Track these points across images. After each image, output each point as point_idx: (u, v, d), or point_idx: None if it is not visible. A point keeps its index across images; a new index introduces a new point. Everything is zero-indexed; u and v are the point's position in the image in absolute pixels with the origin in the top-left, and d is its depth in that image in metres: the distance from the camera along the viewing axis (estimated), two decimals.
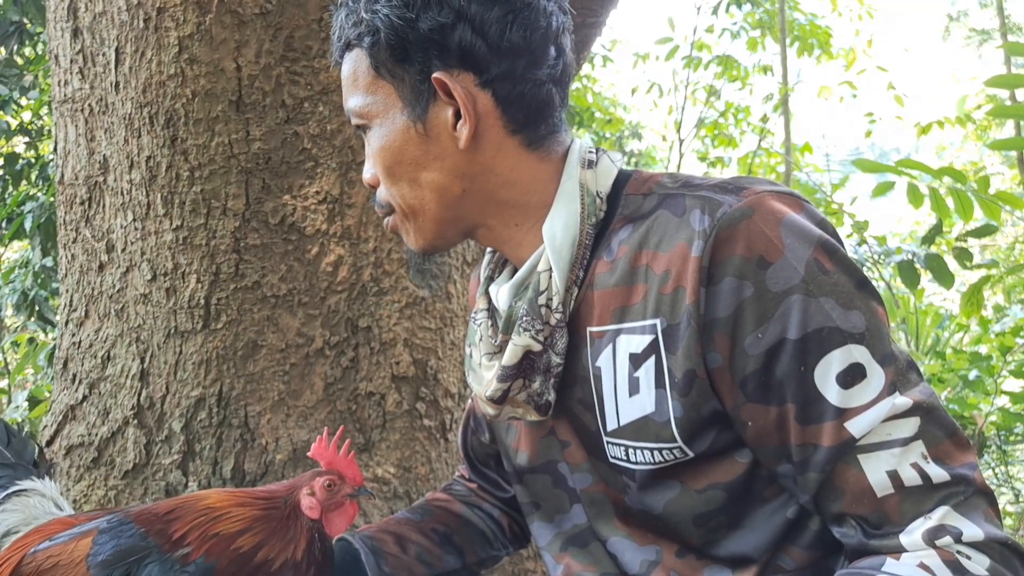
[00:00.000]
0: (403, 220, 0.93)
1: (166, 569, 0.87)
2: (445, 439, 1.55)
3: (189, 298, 1.47)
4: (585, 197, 0.90)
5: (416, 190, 0.90)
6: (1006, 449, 3.42)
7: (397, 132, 0.89)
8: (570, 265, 0.88)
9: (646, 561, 0.91)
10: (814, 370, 0.76)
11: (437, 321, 1.56)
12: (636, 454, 0.86)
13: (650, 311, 0.83)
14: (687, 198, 0.84)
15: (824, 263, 0.78)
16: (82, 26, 1.54)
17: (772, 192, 0.82)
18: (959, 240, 2.76)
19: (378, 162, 0.91)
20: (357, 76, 0.90)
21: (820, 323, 0.76)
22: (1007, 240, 8.81)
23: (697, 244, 0.79)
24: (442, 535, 1.11)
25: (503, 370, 0.90)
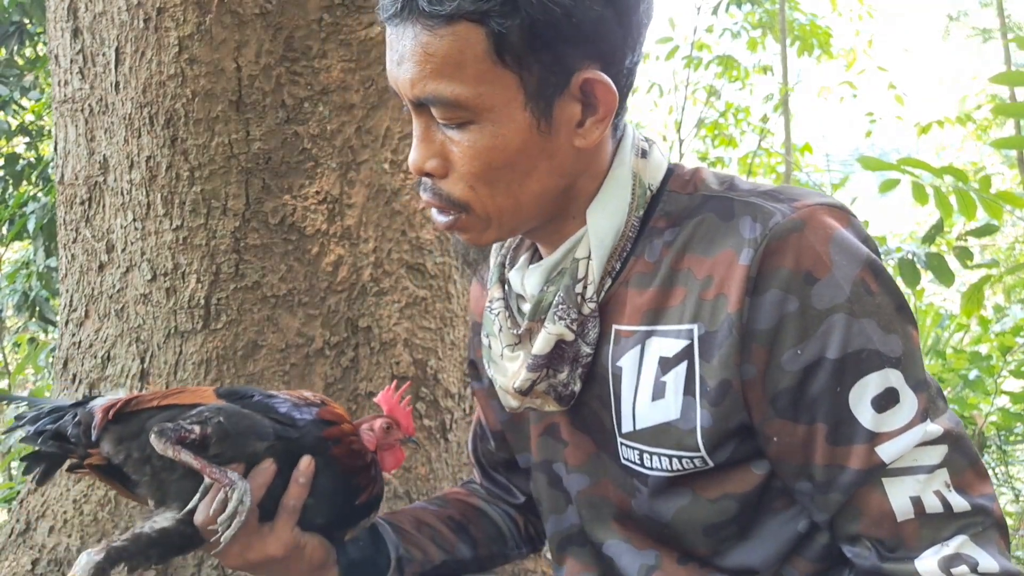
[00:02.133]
0: (480, 220, 0.83)
1: (292, 404, 0.97)
2: (445, 439, 1.55)
3: (189, 298, 1.47)
4: (636, 188, 0.86)
5: (516, 191, 0.82)
6: (1006, 449, 3.42)
7: (515, 130, 0.78)
8: (609, 255, 0.85)
9: (645, 566, 0.90)
10: (849, 391, 0.75)
11: (437, 321, 1.56)
12: (652, 460, 0.84)
13: (688, 316, 0.80)
14: (735, 203, 0.81)
15: (870, 283, 0.76)
16: (82, 26, 1.54)
17: (823, 205, 0.79)
18: (960, 239, 2.76)
19: (476, 162, 0.79)
20: (462, 59, 0.76)
21: (860, 344, 0.75)
22: (1007, 240, 8.81)
23: (746, 252, 0.77)
24: (458, 524, 1.09)
25: (534, 359, 0.86)
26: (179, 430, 0.88)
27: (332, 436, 0.95)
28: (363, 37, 1.49)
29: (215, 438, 0.89)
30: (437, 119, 0.80)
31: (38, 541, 1.50)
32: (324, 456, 0.94)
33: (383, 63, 1.50)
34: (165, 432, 0.87)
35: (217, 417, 0.90)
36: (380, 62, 1.50)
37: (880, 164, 2.08)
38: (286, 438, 0.93)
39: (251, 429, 0.92)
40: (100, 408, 0.93)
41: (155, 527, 0.91)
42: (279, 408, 0.96)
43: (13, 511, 1.63)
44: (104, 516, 1.47)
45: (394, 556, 1.01)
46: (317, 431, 0.95)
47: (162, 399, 0.94)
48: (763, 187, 0.84)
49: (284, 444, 0.93)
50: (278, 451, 0.92)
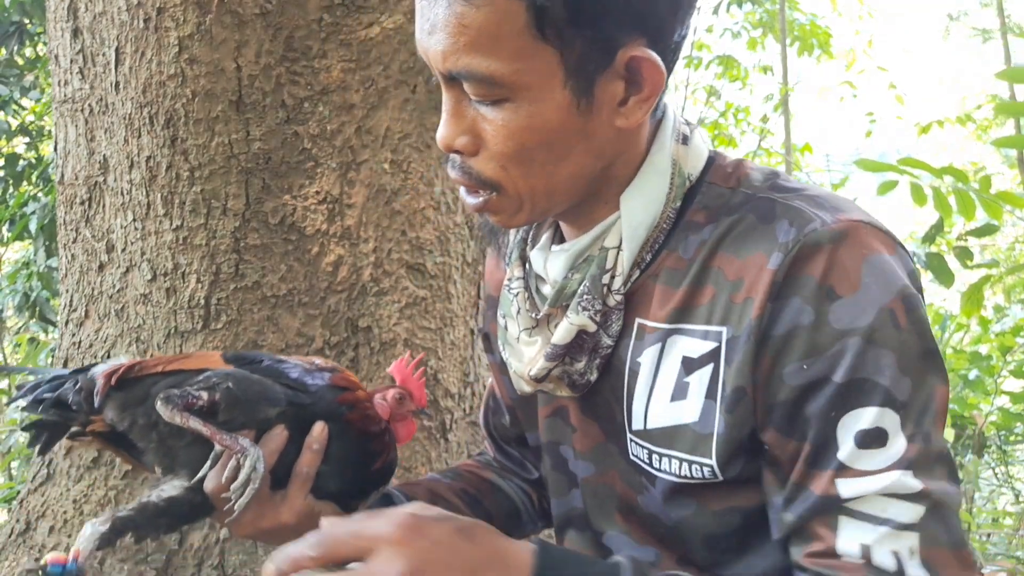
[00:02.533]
0: (511, 201, 0.79)
1: (304, 370, 0.94)
2: (445, 439, 1.55)
3: (189, 298, 1.47)
4: (675, 177, 0.81)
5: (550, 173, 0.77)
6: (1006, 449, 3.42)
7: (554, 110, 0.73)
8: (641, 246, 0.80)
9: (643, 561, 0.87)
10: (842, 418, 0.71)
11: (437, 321, 1.56)
12: (662, 462, 0.81)
13: (717, 318, 0.76)
14: (777, 205, 0.77)
15: (899, 316, 0.71)
16: (82, 26, 1.54)
17: (868, 223, 0.75)
18: (960, 239, 2.76)
19: (509, 142, 0.75)
20: (500, 32, 0.70)
21: (868, 374, 0.70)
22: (1007, 240, 8.81)
23: (776, 257, 0.73)
24: (472, 498, 1.05)
25: (553, 348, 0.83)
26: (186, 396, 0.85)
27: (346, 401, 0.93)
28: (363, 37, 1.49)
29: (224, 404, 0.85)
30: (469, 95, 0.75)
31: (38, 541, 1.50)
32: (338, 422, 0.91)
33: (383, 63, 1.50)
34: (172, 398, 0.84)
35: (226, 383, 0.86)
36: (380, 62, 1.50)
37: (877, 165, 2.08)
38: (298, 404, 0.90)
39: (261, 395, 0.88)
40: (102, 374, 0.90)
41: (163, 496, 0.87)
42: (290, 373, 0.93)
43: (13, 511, 1.63)
44: None
45: None
46: (330, 396, 0.92)
47: (167, 364, 0.91)
48: (811, 190, 0.79)
49: (296, 410, 0.89)
50: (290, 417, 0.89)
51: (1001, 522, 3.29)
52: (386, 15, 1.49)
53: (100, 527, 0.83)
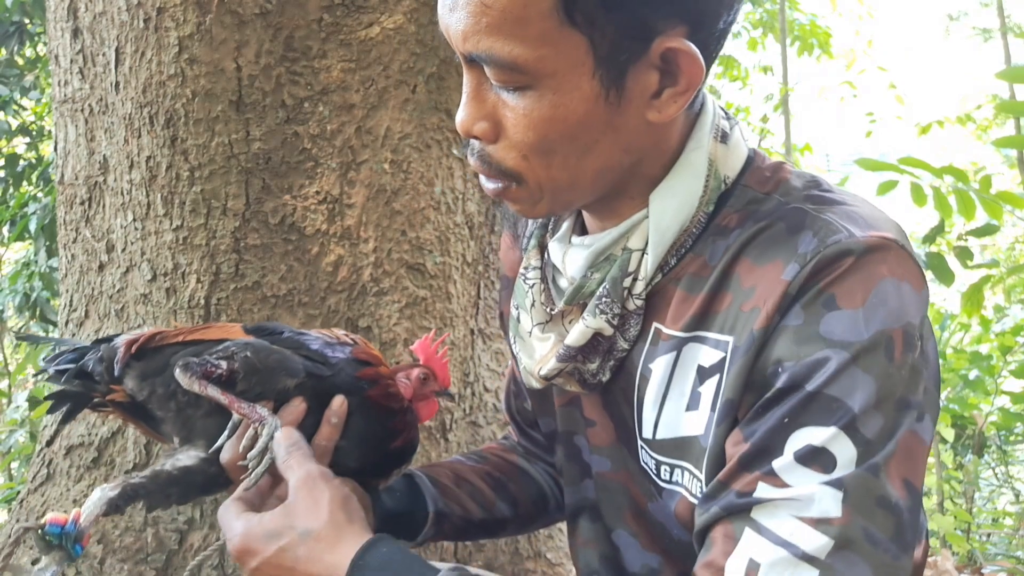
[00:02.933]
0: (532, 192, 0.75)
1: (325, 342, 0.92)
2: (445, 439, 1.55)
3: (189, 298, 1.47)
4: (711, 179, 0.76)
5: (574, 166, 0.72)
6: (1006, 449, 3.42)
7: (580, 100, 0.68)
8: (667, 251, 0.76)
9: (647, 566, 0.86)
10: (795, 431, 0.65)
11: (437, 321, 1.56)
12: (673, 473, 0.77)
13: (728, 326, 0.72)
14: (808, 216, 0.71)
15: (895, 349, 0.65)
16: (82, 26, 1.54)
17: (900, 248, 0.68)
18: (960, 239, 2.76)
19: (531, 132, 0.70)
20: (525, 14, 0.65)
21: (840, 394, 0.64)
22: (1007, 240, 8.80)
23: (791, 267, 0.68)
24: (497, 481, 1.03)
25: (566, 350, 0.79)
26: (205, 364, 0.84)
27: (367, 376, 0.90)
28: (363, 37, 1.49)
29: (242, 373, 0.84)
30: (490, 79, 0.71)
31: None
32: (358, 397, 0.89)
33: (383, 63, 1.50)
34: (191, 366, 0.84)
35: (244, 352, 0.86)
36: (380, 62, 1.50)
37: (878, 165, 2.08)
38: (318, 376, 0.88)
39: (280, 364, 0.87)
40: (123, 343, 0.90)
41: (177, 465, 0.86)
42: (310, 345, 0.91)
43: (13, 511, 1.63)
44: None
45: (432, 510, 0.96)
46: (351, 370, 0.90)
47: (188, 335, 0.91)
48: (850, 204, 0.72)
49: (315, 382, 0.88)
50: (308, 389, 0.88)
51: (1001, 522, 3.29)
52: (386, 15, 1.49)
53: (110, 492, 0.82)
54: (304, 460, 0.79)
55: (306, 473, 0.77)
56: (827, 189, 0.76)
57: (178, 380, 0.84)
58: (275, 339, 0.91)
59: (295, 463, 0.78)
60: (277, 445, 0.80)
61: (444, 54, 1.52)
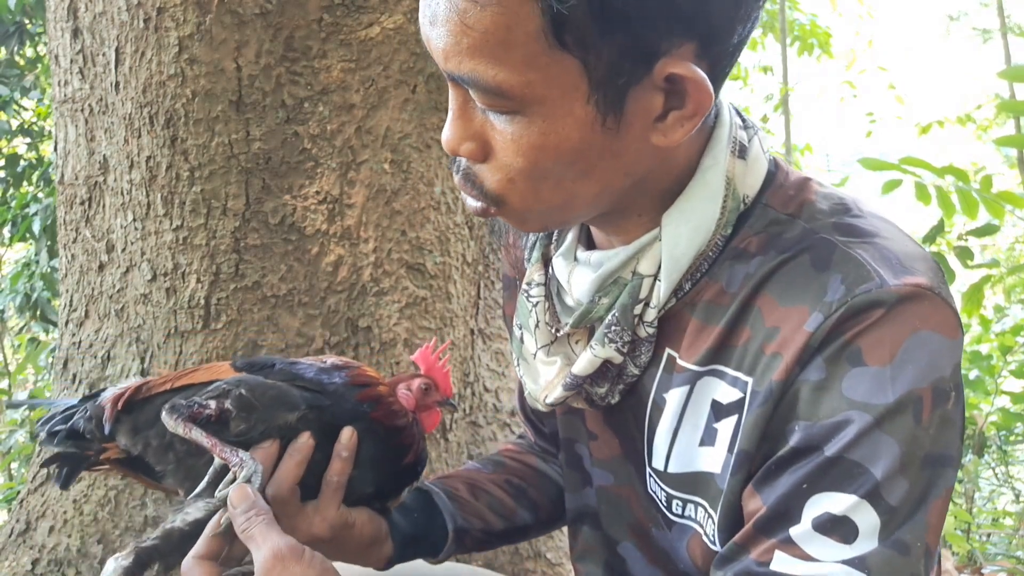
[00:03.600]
0: (517, 215, 0.70)
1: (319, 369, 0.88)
2: (445, 439, 1.55)
3: (189, 298, 1.47)
4: (729, 200, 0.70)
5: (567, 190, 0.67)
6: (1006, 449, 3.42)
7: (573, 127, 0.62)
8: (681, 277, 0.71)
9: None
10: (814, 495, 0.61)
11: (437, 321, 1.56)
12: (686, 508, 0.74)
13: (747, 365, 0.67)
14: (837, 251, 0.65)
15: (924, 410, 0.60)
16: (82, 26, 1.54)
17: (937, 294, 0.63)
18: (960, 239, 2.76)
19: (520, 158, 0.64)
20: (509, 37, 0.58)
21: (862, 459, 0.60)
22: (1007, 240, 8.81)
23: (815, 318, 0.63)
24: (516, 487, 0.99)
25: (573, 379, 0.75)
26: (192, 406, 0.80)
27: (368, 398, 0.87)
28: (363, 37, 1.49)
29: (236, 411, 0.81)
30: (475, 102, 0.65)
31: (38, 541, 1.50)
32: (363, 421, 0.86)
33: (383, 63, 1.50)
34: (177, 408, 0.80)
35: (238, 389, 0.82)
36: (380, 62, 1.50)
37: (881, 164, 2.08)
38: (318, 406, 0.84)
39: (278, 399, 0.83)
40: (109, 399, 0.86)
41: (188, 519, 0.80)
42: (305, 374, 0.87)
43: (13, 511, 1.63)
44: (104, 516, 1.47)
45: (451, 527, 0.92)
46: (351, 395, 0.87)
47: (175, 381, 0.87)
48: (883, 236, 0.67)
49: (317, 413, 0.84)
50: (311, 421, 0.84)
51: (1001, 522, 3.29)
52: (386, 15, 1.49)
53: (123, 561, 0.76)
54: (267, 532, 0.70)
55: (272, 551, 0.68)
56: (857, 215, 0.69)
57: (164, 424, 0.80)
58: (267, 373, 0.87)
59: (258, 535, 0.70)
60: (232, 509, 0.72)
61: None
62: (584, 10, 0.57)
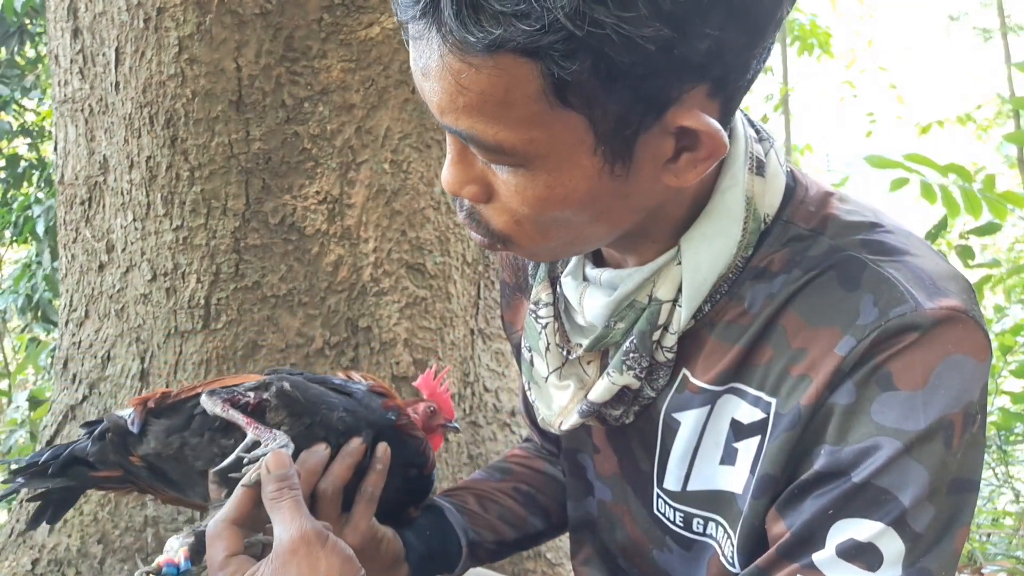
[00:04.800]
0: (527, 251, 0.68)
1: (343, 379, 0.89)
2: (445, 439, 1.55)
3: (189, 298, 1.47)
4: (750, 221, 0.68)
5: (576, 231, 0.65)
6: (1006, 449, 3.42)
7: (581, 178, 0.60)
8: (702, 300, 0.69)
9: None
10: (839, 521, 0.60)
11: (437, 321, 1.56)
12: (707, 527, 0.72)
13: (770, 385, 0.66)
14: (867, 270, 0.64)
15: (954, 435, 0.60)
16: (82, 26, 1.54)
17: (971, 317, 0.61)
18: (962, 238, 2.76)
19: (525, 207, 0.62)
20: (508, 98, 0.56)
21: (890, 486, 0.59)
22: (1007, 240, 8.81)
23: (847, 341, 0.62)
24: (526, 495, 0.98)
25: (590, 405, 0.74)
26: (232, 393, 0.81)
27: (391, 408, 0.88)
28: (363, 37, 1.49)
29: (276, 402, 0.80)
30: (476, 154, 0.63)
31: (38, 541, 1.50)
32: (389, 431, 0.87)
33: (383, 63, 1.50)
34: (217, 392, 0.81)
35: (280, 383, 0.82)
36: (380, 62, 1.50)
37: (886, 162, 2.08)
38: (352, 411, 0.85)
39: (320, 398, 0.83)
40: (133, 403, 0.86)
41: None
42: (332, 380, 0.88)
43: (13, 511, 1.63)
44: (104, 516, 1.47)
45: (464, 542, 0.92)
46: (376, 404, 0.88)
47: (205, 387, 0.86)
48: (914, 253, 0.65)
49: (352, 417, 0.84)
50: (349, 425, 0.83)
51: (1001, 522, 3.29)
52: (386, 15, 1.49)
53: (186, 539, 0.77)
54: (295, 511, 0.67)
55: (299, 532, 0.65)
56: (884, 230, 0.67)
57: (204, 405, 0.81)
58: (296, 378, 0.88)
59: (286, 510, 0.67)
60: (266, 473, 0.70)
61: None
62: (588, 71, 0.54)
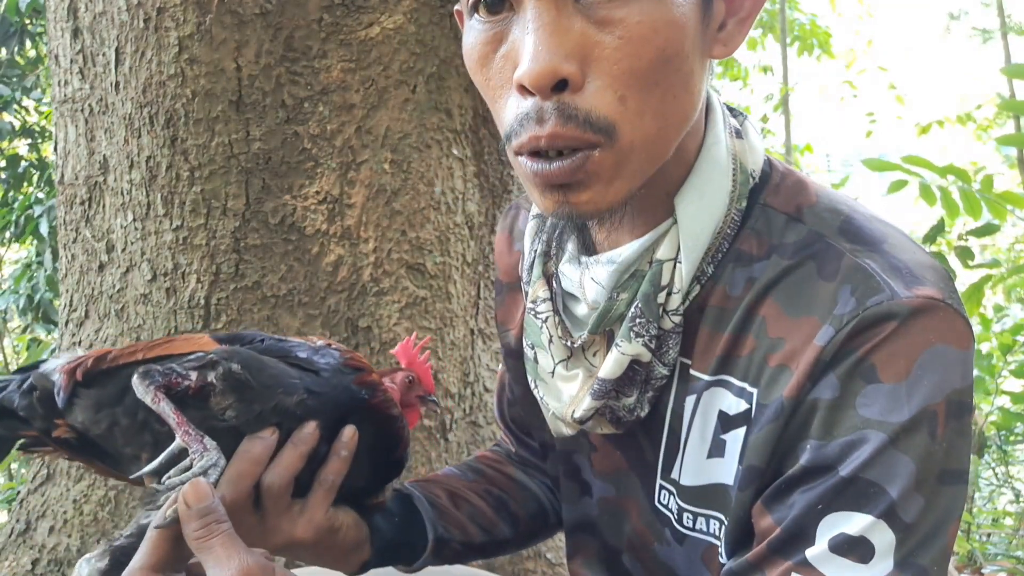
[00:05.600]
0: (617, 158, 0.62)
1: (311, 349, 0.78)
2: (445, 439, 1.55)
3: (189, 298, 1.47)
4: (738, 173, 0.69)
5: (666, 111, 0.62)
6: (1006, 449, 3.42)
7: (687, 12, 0.60)
8: (702, 257, 0.68)
9: None
10: (828, 515, 0.60)
11: (437, 321, 1.56)
12: (697, 521, 0.72)
13: (752, 376, 0.66)
14: (845, 259, 0.64)
15: (938, 424, 0.59)
16: (82, 26, 1.54)
17: (951, 308, 0.61)
18: (961, 239, 2.76)
19: (646, 47, 0.59)
20: None
21: (877, 478, 0.59)
22: (1007, 240, 8.81)
23: (826, 331, 0.62)
24: (498, 499, 0.95)
25: (601, 384, 0.71)
26: (170, 374, 0.69)
27: (365, 384, 0.78)
28: (363, 37, 1.49)
29: (221, 387, 0.70)
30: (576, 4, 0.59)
31: (38, 541, 1.50)
32: (360, 411, 0.77)
33: (383, 63, 1.50)
34: (152, 374, 0.68)
35: (228, 363, 0.70)
36: (380, 62, 1.50)
37: (884, 164, 2.08)
38: (316, 391, 0.75)
39: (276, 380, 0.72)
40: (62, 369, 0.73)
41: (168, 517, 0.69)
42: (297, 352, 0.77)
43: (13, 511, 1.63)
44: (104, 516, 1.47)
45: (432, 536, 0.88)
46: (346, 380, 0.77)
47: (147, 351, 0.73)
48: (891, 243, 0.65)
49: (315, 399, 0.74)
50: (310, 408, 0.73)
51: (1001, 522, 3.29)
52: (386, 15, 1.49)
53: (97, 564, 0.68)
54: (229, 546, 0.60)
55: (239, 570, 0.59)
56: (863, 220, 0.68)
57: (134, 388, 0.69)
58: (255, 348, 0.77)
59: (219, 548, 0.60)
60: (184, 508, 0.62)
61: (444, 54, 1.52)
62: None
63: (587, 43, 0.59)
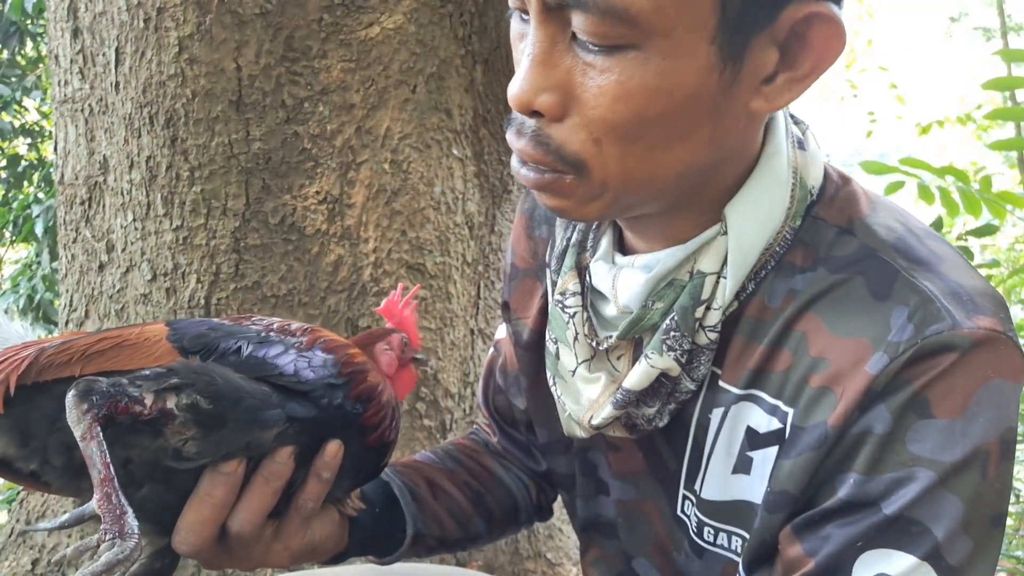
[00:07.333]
0: (591, 188, 0.59)
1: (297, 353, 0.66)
2: (445, 439, 1.55)
3: (189, 298, 1.47)
4: (797, 189, 0.64)
5: (657, 160, 0.58)
6: None
7: (693, 71, 0.54)
8: (747, 274, 0.64)
9: None
10: (867, 552, 0.57)
11: (437, 321, 1.56)
12: (718, 537, 0.69)
13: (787, 394, 0.62)
14: (900, 278, 0.59)
15: (990, 464, 0.56)
16: (82, 26, 1.54)
17: (1008, 337, 0.58)
18: (960, 239, 2.76)
19: (619, 106, 0.55)
20: None
21: (924, 518, 0.55)
22: (1007, 240, 8.81)
23: (879, 358, 0.57)
24: (475, 492, 0.91)
25: (625, 394, 0.67)
26: (118, 395, 0.54)
27: (361, 397, 0.68)
28: (363, 37, 1.49)
29: (184, 418, 0.56)
30: (578, 34, 0.55)
31: (38, 541, 1.50)
32: (352, 428, 0.68)
33: (383, 63, 1.50)
34: (92, 394, 0.53)
35: (193, 391, 0.57)
36: (380, 62, 1.50)
37: (881, 167, 2.08)
38: (303, 419, 0.64)
39: (252, 415, 0.60)
40: None
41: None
42: (283, 368, 0.64)
43: (13, 511, 1.63)
44: None
45: (411, 531, 0.84)
46: (338, 397, 0.66)
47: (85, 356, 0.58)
48: (949, 264, 0.61)
49: (299, 427, 0.64)
50: (290, 437, 0.63)
51: None
52: (386, 15, 1.49)
53: None
54: None
55: None
56: (919, 235, 0.63)
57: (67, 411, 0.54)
58: (230, 362, 0.62)
59: None
60: None
61: (444, 54, 1.52)
62: None
63: (572, 81, 0.57)
